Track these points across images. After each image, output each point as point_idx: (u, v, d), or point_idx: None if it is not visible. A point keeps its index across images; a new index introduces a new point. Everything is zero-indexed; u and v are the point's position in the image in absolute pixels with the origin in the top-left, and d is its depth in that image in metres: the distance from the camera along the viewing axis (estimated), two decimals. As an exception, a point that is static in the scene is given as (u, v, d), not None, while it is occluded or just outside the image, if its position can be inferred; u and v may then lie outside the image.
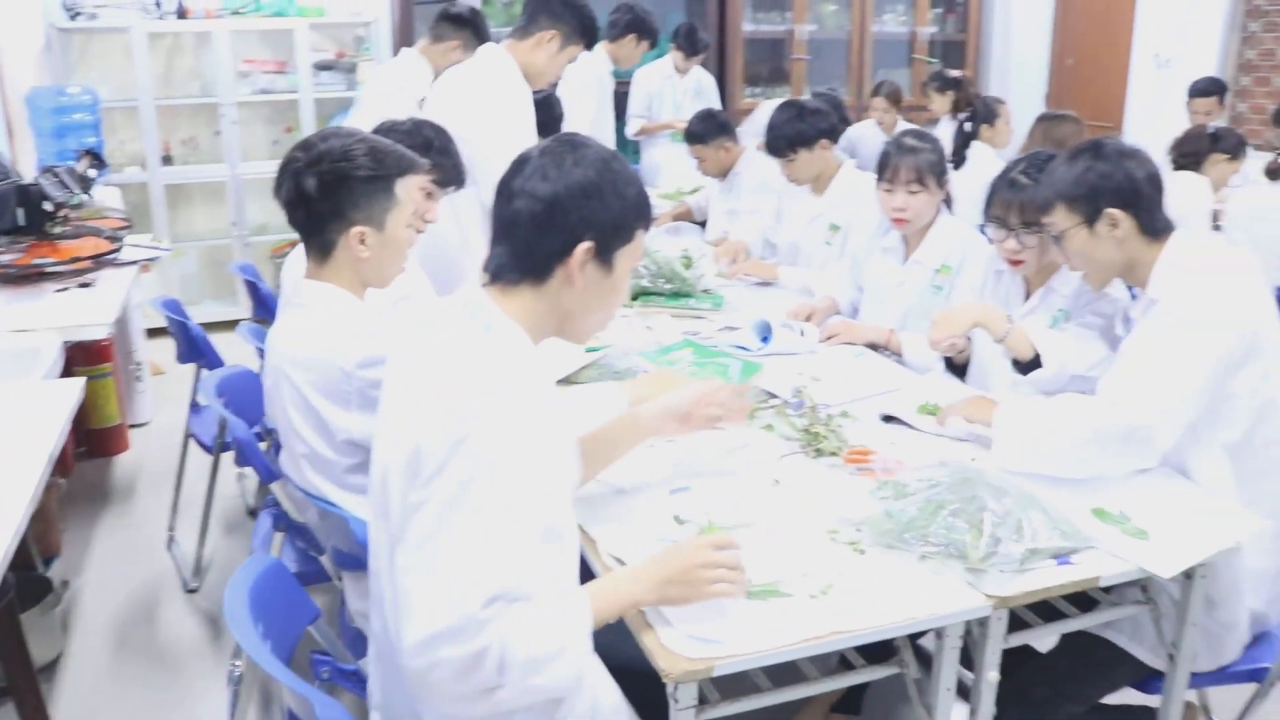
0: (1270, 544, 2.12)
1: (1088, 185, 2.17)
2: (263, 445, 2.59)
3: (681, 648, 1.54)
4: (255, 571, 1.64)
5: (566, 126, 4.86)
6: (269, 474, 2.32)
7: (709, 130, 4.65)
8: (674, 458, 2.21)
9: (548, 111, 3.88)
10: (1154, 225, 2.18)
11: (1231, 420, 2.09)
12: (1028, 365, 2.36)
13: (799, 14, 7.64)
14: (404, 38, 6.43)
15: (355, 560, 2.00)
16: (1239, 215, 4.28)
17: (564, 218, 1.57)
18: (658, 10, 7.14)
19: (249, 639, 1.49)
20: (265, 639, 1.53)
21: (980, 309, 2.45)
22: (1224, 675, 2.19)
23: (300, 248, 2.23)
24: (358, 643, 2.10)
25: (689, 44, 6.20)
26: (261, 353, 2.58)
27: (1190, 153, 4.77)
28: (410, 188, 2.15)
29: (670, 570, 1.60)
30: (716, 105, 6.15)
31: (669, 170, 6.05)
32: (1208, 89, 6.03)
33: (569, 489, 1.71)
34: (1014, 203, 2.51)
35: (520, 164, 1.62)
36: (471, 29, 4.38)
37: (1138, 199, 2.16)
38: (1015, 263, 2.59)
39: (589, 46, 3.62)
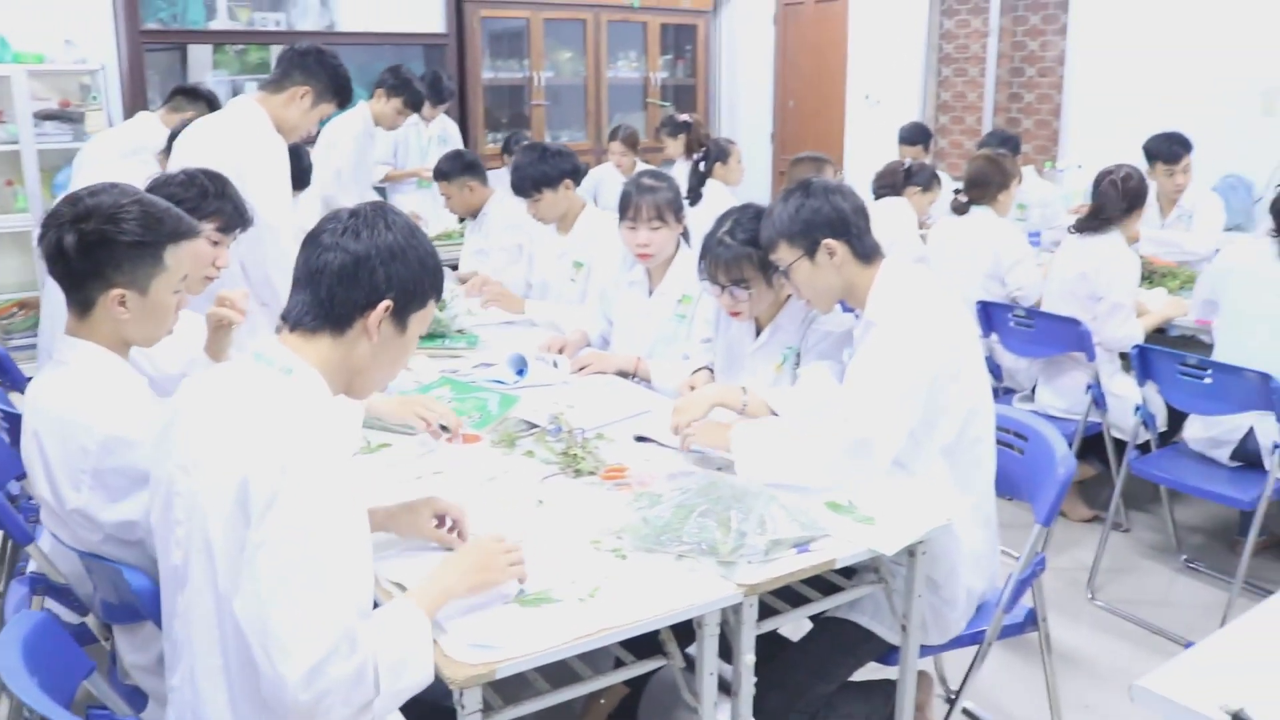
0: (981, 529, 2.42)
1: (803, 221, 2.43)
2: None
3: (463, 655, 1.63)
4: (26, 627, 1.62)
5: (316, 177, 4.90)
6: (24, 535, 2.26)
7: (454, 169, 4.79)
8: (436, 489, 2.29)
9: (296, 163, 3.90)
10: (866, 250, 2.46)
11: (945, 427, 2.36)
12: None
13: (536, 62, 7.87)
14: (134, 86, 6.26)
15: (129, 612, 1.98)
16: (936, 244, 4.74)
17: (370, 274, 1.66)
18: (398, 59, 7.22)
19: (30, 694, 1.48)
20: (43, 693, 1.52)
21: (715, 391, 2.61)
22: (951, 643, 2.46)
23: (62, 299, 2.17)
24: (134, 699, 2.07)
25: (434, 93, 6.30)
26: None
27: (888, 185, 5.29)
28: (183, 255, 2.08)
29: (471, 560, 1.77)
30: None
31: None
32: (913, 139, 6.63)
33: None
34: (720, 263, 2.74)
35: (333, 220, 1.71)
36: (206, 102, 4.39)
37: (848, 228, 2.43)
38: (735, 313, 2.83)
39: (342, 106, 3.67)
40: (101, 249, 1.97)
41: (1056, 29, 7.40)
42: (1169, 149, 5.00)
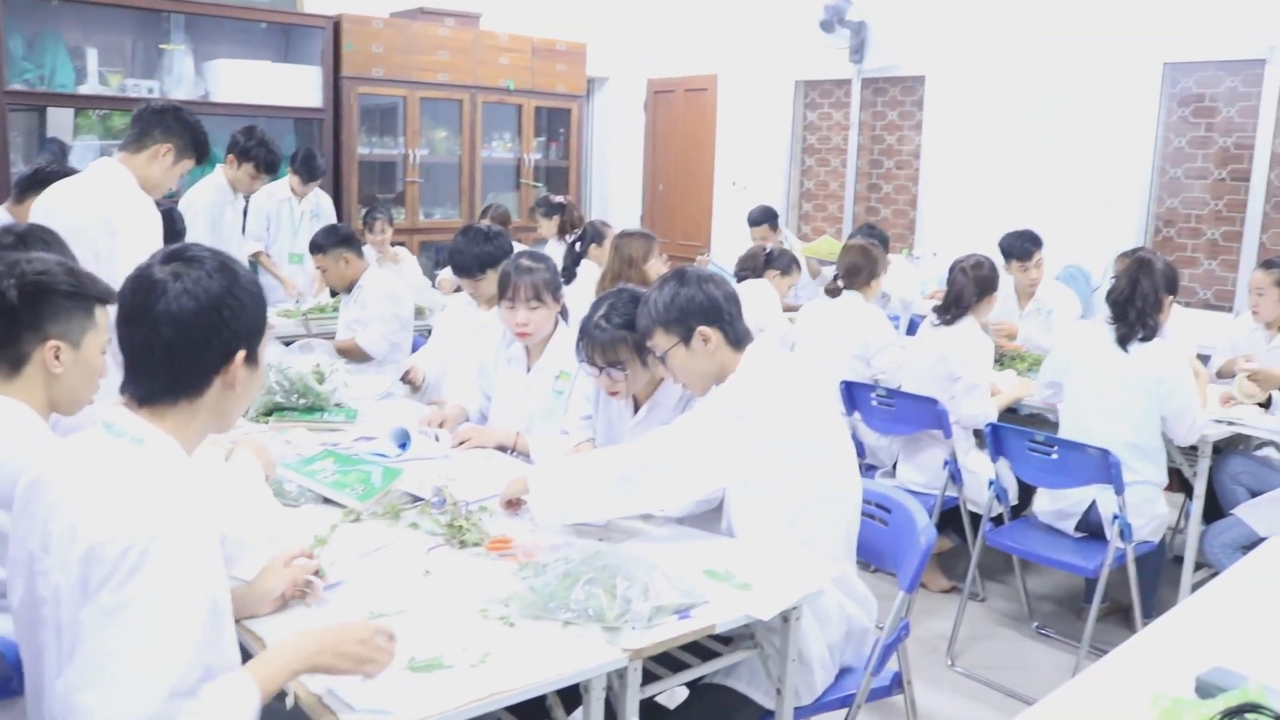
0: (839, 594, 2.52)
1: (678, 309, 2.56)
2: None
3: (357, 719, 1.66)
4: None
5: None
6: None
7: (329, 242, 4.84)
8: (326, 557, 2.30)
9: (169, 225, 3.89)
10: (738, 336, 2.59)
11: (794, 494, 2.46)
12: None
13: (411, 139, 7.94)
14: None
15: (3, 686, 1.93)
16: (806, 325, 4.95)
17: (217, 334, 1.65)
18: (273, 133, 7.20)
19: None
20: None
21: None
22: (820, 706, 2.56)
23: None
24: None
25: (306, 170, 6.32)
26: None
27: (749, 268, 5.54)
28: (103, 321, 2.10)
29: (324, 644, 1.72)
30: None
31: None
32: (760, 219, 6.96)
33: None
34: (597, 345, 2.86)
35: (148, 288, 1.63)
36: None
37: (721, 315, 2.57)
38: (613, 393, 2.94)
39: (200, 161, 3.70)
40: (40, 298, 2.02)
41: (913, 125, 7.84)
42: (1021, 246, 5.32)
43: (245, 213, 5.96)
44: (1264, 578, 2.43)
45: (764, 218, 6.97)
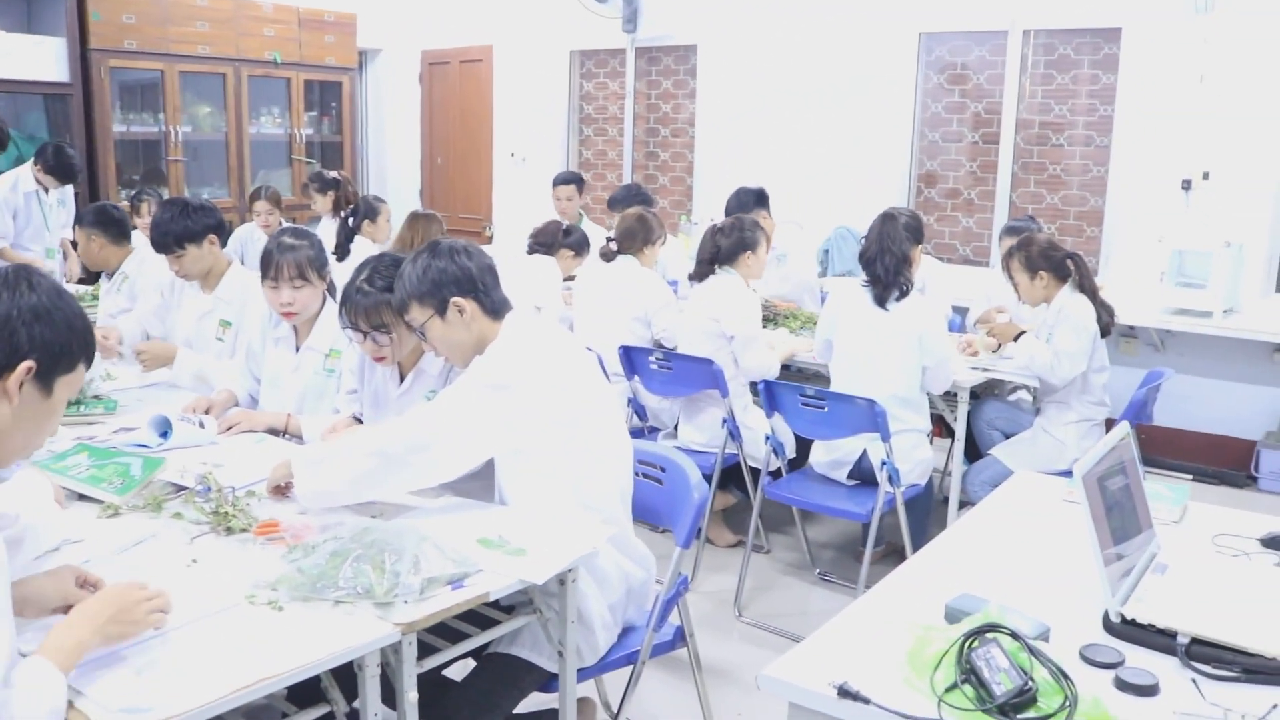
0: (608, 549, 2.54)
1: (430, 281, 2.54)
2: None
3: (112, 721, 1.58)
4: None
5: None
6: None
7: (100, 220, 4.56)
8: (79, 555, 2.19)
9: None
10: (495, 305, 2.59)
11: (562, 458, 2.47)
12: None
13: (172, 115, 7.57)
14: None
15: None
16: (583, 290, 4.99)
17: (11, 335, 1.59)
18: (16, 110, 6.75)
19: None
20: None
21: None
22: (605, 665, 2.60)
23: None
24: None
25: (61, 171, 5.94)
26: None
27: (545, 242, 5.48)
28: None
29: (107, 610, 1.73)
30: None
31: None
32: (567, 179, 6.89)
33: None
34: (360, 309, 2.81)
35: None
36: None
37: (474, 285, 2.55)
38: (379, 359, 2.89)
39: None
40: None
41: (687, 93, 7.97)
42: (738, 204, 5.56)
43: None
44: (1008, 508, 2.60)
45: (572, 178, 6.85)
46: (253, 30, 7.93)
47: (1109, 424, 4.01)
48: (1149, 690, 1.66)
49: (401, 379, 2.96)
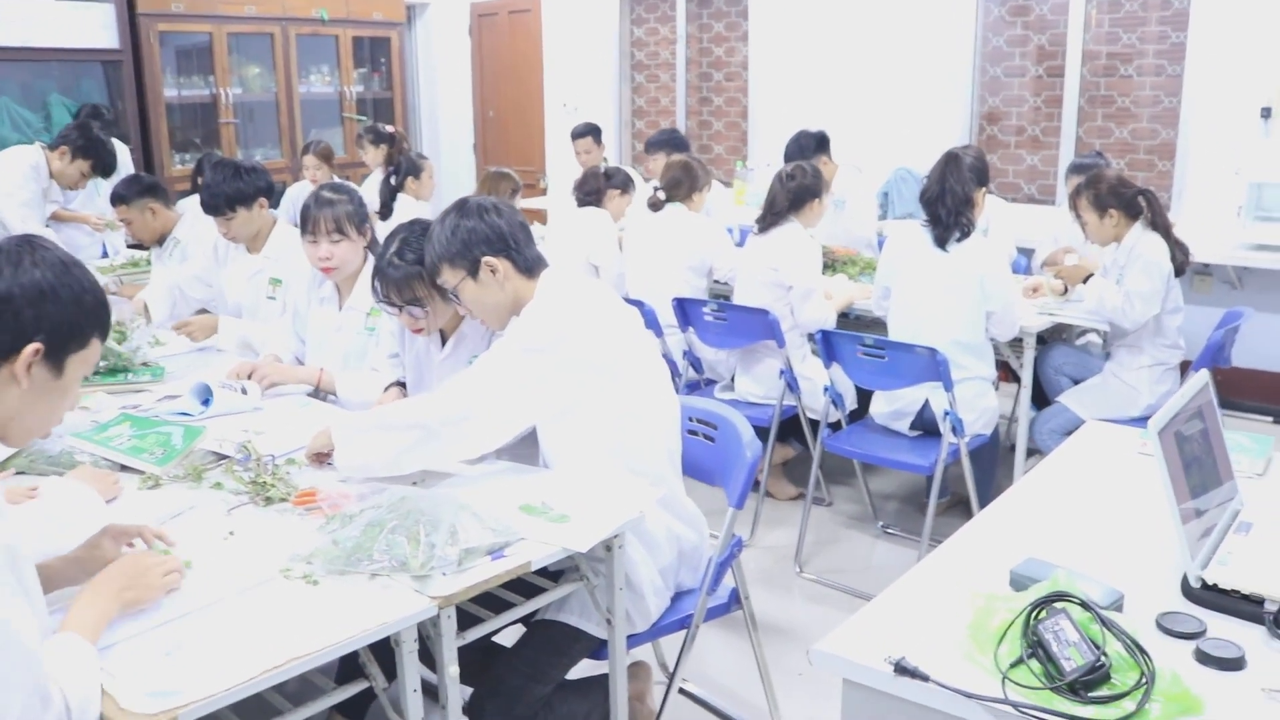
0: (656, 511, 2.45)
1: (460, 241, 2.44)
2: None
3: (140, 705, 1.53)
4: None
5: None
6: None
7: (132, 192, 4.48)
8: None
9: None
10: (528, 263, 2.48)
11: (605, 417, 2.38)
12: None
13: (222, 78, 7.54)
14: None
15: None
16: (633, 242, 4.87)
17: (15, 316, 1.52)
18: (69, 78, 6.74)
19: None
20: None
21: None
22: (657, 630, 2.53)
23: None
24: None
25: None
26: None
27: (591, 191, 5.34)
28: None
29: (120, 580, 1.74)
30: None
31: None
32: (584, 132, 6.77)
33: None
34: (392, 284, 2.72)
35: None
36: None
37: (507, 243, 2.45)
38: (417, 330, 2.81)
39: None
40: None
41: (739, 36, 7.77)
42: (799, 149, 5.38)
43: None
44: (1077, 463, 2.46)
45: (587, 130, 6.77)
46: (298, -12, 7.86)
47: (1184, 367, 3.84)
48: (1234, 664, 1.53)
49: (444, 343, 2.88)
